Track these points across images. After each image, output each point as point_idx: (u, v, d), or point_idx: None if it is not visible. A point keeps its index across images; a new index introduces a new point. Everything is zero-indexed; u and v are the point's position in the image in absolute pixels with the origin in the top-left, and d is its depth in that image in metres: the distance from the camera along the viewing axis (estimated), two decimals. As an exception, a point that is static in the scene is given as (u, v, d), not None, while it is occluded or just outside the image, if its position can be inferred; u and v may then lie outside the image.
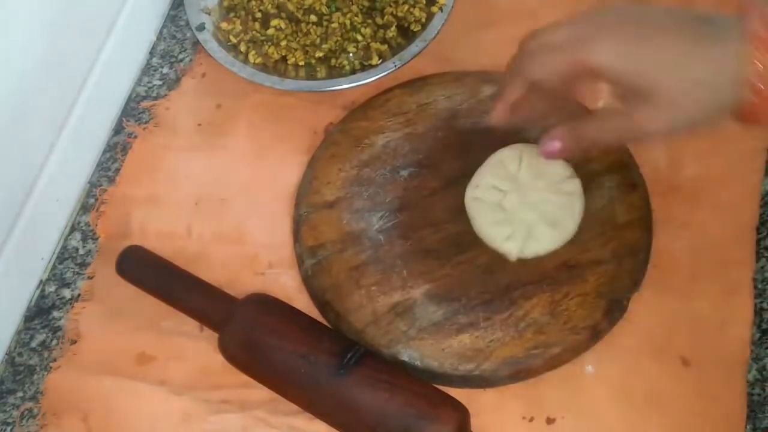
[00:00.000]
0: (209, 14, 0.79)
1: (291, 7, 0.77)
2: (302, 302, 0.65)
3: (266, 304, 0.62)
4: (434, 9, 0.76)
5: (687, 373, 0.60)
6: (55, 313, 0.67)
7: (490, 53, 0.76)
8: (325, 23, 0.77)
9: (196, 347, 0.64)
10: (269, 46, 0.76)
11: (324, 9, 0.77)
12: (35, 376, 0.64)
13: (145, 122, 0.76)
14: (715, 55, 0.46)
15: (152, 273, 0.65)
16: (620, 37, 0.48)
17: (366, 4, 0.78)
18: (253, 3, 0.78)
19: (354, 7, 0.77)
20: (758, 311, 0.62)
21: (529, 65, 0.53)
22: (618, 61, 0.48)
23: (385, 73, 0.73)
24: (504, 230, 0.64)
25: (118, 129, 0.76)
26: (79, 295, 0.68)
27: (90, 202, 0.72)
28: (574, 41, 0.50)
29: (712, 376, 0.60)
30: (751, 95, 0.45)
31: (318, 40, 0.76)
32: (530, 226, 0.64)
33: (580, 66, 0.49)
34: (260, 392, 0.62)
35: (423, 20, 0.76)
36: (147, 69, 0.79)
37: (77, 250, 0.70)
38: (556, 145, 0.54)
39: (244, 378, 0.62)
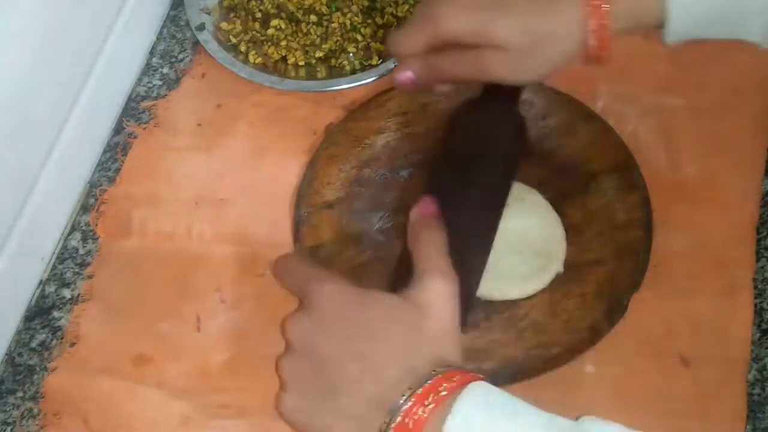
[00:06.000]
0: (209, 14, 0.79)
1: (291, 7, 0.77)
2: (302, 302, 0.65)
3: None
4: (434, 9, 0.76)
5: (687, 373, 0.60)
6: (55, 313, 0.67)
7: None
8: (325, 23, 0.77)
9: (193, 348, 0.64)
10: (269, 46, 0.76)
11: (324, 9, 0.77)
12: (35, 376, 0.64)
13: (145, 122, 0.76)
14: (559, 15, 0.53)
15: None
16: (471, 8, 0.53)
17: (366, 4, 0.78)
18: (253, 3, 0.78)
19: (354, 7, 0.77)
20: (758, 311, 0.62)
21: (393, 43, 0.57)
22: (468, 29, 0.53)
23: (385, 73, 0.73)
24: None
25: (118, 129, 0.76)
26: (79, 295, 0.68)
27: (90, 202, 0.72)
28: (428, 17, 0.55)
29: (712, 376, 0.60)
30: (590, 46, 0.53)
31: (318, 40, 0.76)
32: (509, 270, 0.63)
33: (438, 38, 0.54)
34: (260, 397, 0.62)
35: (423, 20, 0.76)
36: (147, 69, 0.79)
37: (77, 250, 0.70)
38: (407, 74, 0.56)
39: (243, 381, 0.62)
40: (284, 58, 0.77)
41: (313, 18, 0.77)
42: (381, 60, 0.75)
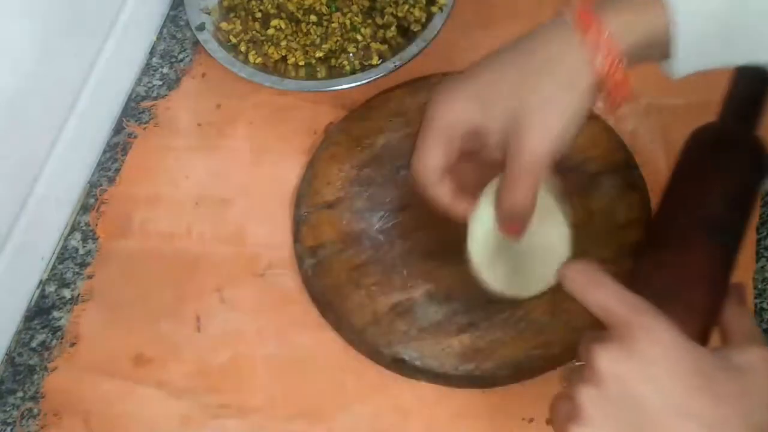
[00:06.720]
0: (209, 14, 0.79)
1: (291, 7, 0.77)
2: (302, 302, 0.65)
3: None
4: (434, 9, 0.76)
5: (687, 373, 0.60)
6: (55, 313, 0.67)
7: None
8: (325, 23, 0.77)
9: (193, 348, 0.64)
10: (269, 46, 0.76)
11: (324, 9, 0.77)
12: (35, 376, 0.64)
13: (145, 122, 0.76)
14: (560, 64, 0.49)
15: None
16: (469, 96, 0.52)
17: (366, 4, 0.78)
18: (253, 3, 0.78)
19: (354, 7, 0.77)
20: (758, 311, 0.62)
21: (414, 160, 0.56)
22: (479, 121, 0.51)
23: (385, 73, 0.73)
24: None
25: (118, 129, 0.76)
26: (79, 295, 0.68)
27: (90, 202, 0.72)
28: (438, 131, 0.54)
29: (712, 376, 0.60)
30: (604, 84, 0.49)
31: (318, 40, 0.76)
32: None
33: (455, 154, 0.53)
34: (258, 397, 0.62)
35: (423, 20, 0.76)
36: (147, 69, 0.79)
37: (77, 250, 0.70)
38: (509, 227, 0.55)
39: (243, 381, 0.62)
40: (284, 58, 0.77)
41: (313, 18, 0.77)
42: (381, 60, 0.75)
